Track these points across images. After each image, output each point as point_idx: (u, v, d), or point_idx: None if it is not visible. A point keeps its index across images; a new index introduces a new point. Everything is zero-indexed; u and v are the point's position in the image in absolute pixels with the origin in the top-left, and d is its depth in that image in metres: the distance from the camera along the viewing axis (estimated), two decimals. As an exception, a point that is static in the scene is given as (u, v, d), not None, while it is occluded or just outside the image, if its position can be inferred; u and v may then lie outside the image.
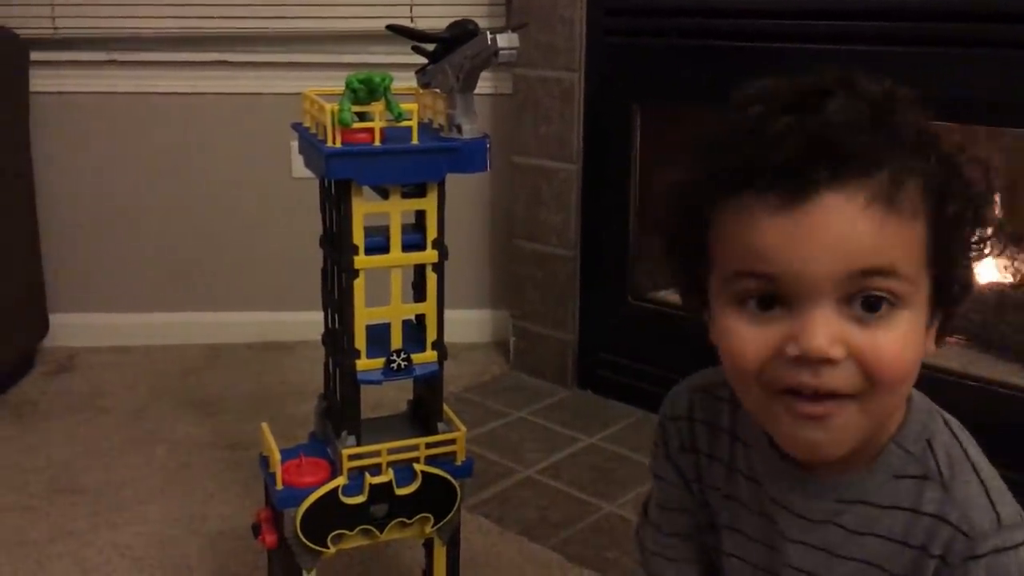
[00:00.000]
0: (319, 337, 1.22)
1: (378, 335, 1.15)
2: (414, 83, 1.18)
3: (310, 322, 1.27)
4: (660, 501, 0.93)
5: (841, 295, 0.66)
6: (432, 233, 1.13)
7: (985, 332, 1.66)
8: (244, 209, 2.27)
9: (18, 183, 2.08)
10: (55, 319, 2.21)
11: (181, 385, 2.09)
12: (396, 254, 1.12)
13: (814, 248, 0.65)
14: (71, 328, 2.24)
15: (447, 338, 1.20)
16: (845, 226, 0.65)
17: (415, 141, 1.08)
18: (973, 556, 0.70)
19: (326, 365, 1.23)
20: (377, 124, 1.06)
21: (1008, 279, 1.74)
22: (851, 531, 0.75)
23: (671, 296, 2.02)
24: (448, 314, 1.19)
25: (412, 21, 2.15)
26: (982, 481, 0.72)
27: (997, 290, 1.72)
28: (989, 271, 1.73)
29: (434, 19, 2.10)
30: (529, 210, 2.10)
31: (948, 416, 0.77)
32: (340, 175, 1.06)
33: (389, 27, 1.13)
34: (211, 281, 2.30)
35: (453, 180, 1.13)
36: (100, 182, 2.23)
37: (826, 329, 0.65)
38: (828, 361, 0.66)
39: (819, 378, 0.66)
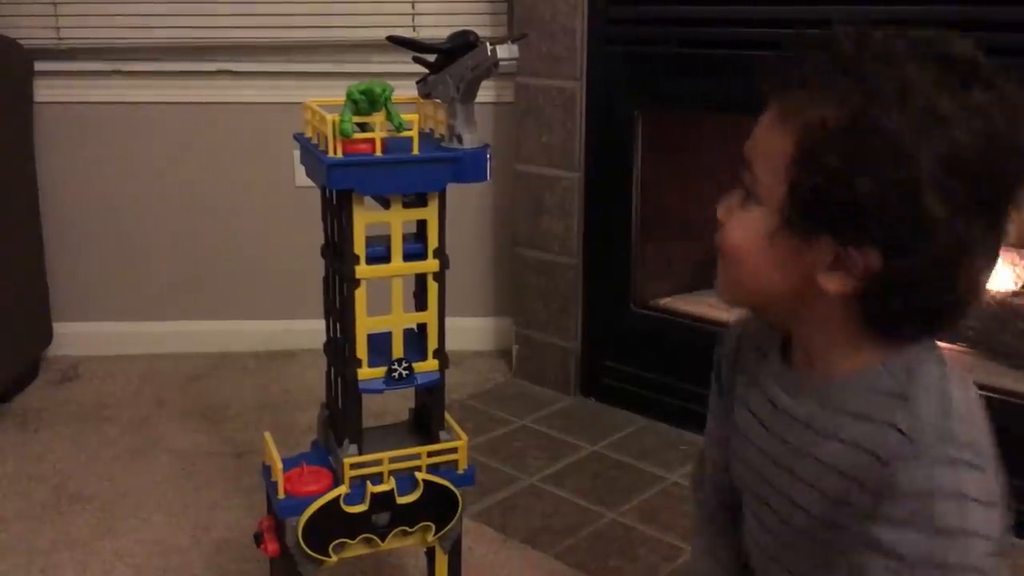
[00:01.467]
0: (322, 346, 1.23)
1: (380, 344, 1.16)
2: (415, 93, 1.18)
3: (313, 330, 1.27)
4: (707, 434, 1.06)
5: (742, 179, 0.83)
6: (433, 243, 1.14)
7: (987, 340, 1.66)
8: (247, 218, 2.27)
9: (23, 193, 2.09)
10: (59, 328, 2.22)
11: (185, 394, 2.09)
12: (397, 263, 1.13)
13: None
14: (75, 337, 2.25)
15: (450, 346, 1.20)
16: (757, 125, 0.82)
17: (416, 151, 1.08)
18: (909, 459, 0.75)
19: (328, 374, 1.23)
20: (378, 134, 1.06)
21: (1010, 287, 1.74)
22: (821, 433, 0.83)
23: (674, 303, 2.03)
24: (451, 322, 1.19)
25: (414, 31, 2.16)
26: (949, 409, 0.77)
27: (999, 298, 1.72)
28: (992, 278, 1.73)
29: (435, 28, 2.12)
30: (531, 218, 2.10)
31: (955, 370, 0.80)
32: (341, 185, 1.07)
33: (389, 38, 1.13)
34: (215, 290, 2.31)
35: (455, 188, 1.14)
36: (104, 191, 2.24)
37: (725, 199, 0.85)
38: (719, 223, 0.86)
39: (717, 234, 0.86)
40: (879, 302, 0.77)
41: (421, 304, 1.17)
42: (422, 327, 1.19)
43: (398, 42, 1.12)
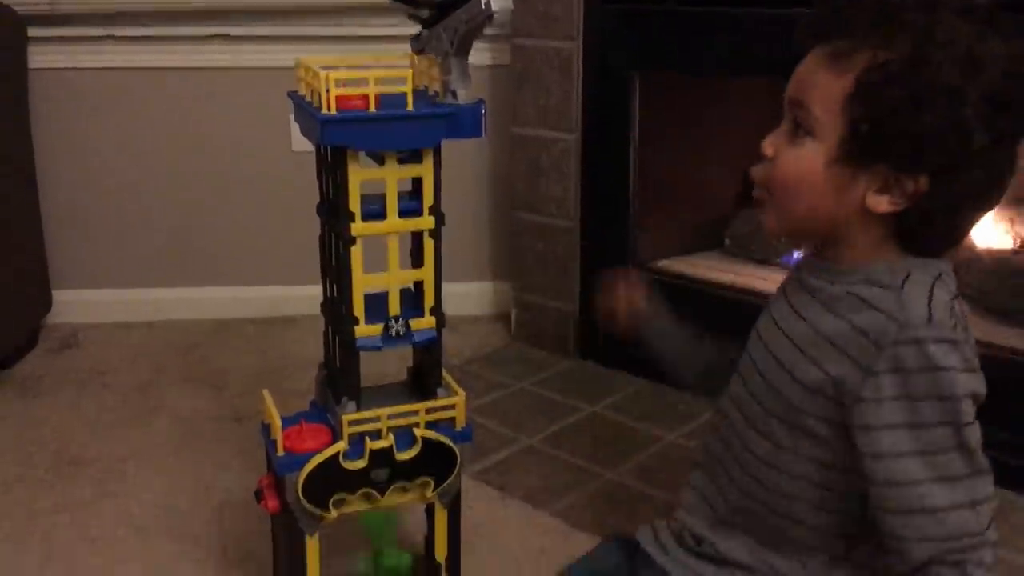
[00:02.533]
0: (319, 306, 1.23)
1: (377, 303, 1.16)
2: (409, 51, 1.17)
3: (313, 296, 1.27)
4: None
5: (790, 117, 0.92)
6: (429, 199, 1.13)
7: (985, 297, 1.66)
8: (245, 184, 2.27)
9: (18, 160, 2.09)
10: (58, 296, 2.22)
11: (184, 360, 2.10)
12: (393, 220, 1.12)
13: (791, 80, 0.92)
14: (74, 305, 2.25)
15: (448, 311, 1.20)
16: (803, 68, 0.91)
17: (410, 107, 1.08)
18: (899, 341, 0.85)
19: (325, 333, 1.23)
20: (372, 90, 1.06)
21: (1008, 244, 1.74)
22: (819, 302, 0.95)
23: (672, 265, 2.03)
24: (449, 287, 1.19)
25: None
26: (931, 300, 0.87)
27: (997, 256, 1.72)
28: (990, 236, 1.73)
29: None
30: (529, 181, 2.10)
31: (947, 280, 0.91)
32: (335, 141, 1.06)
33: (386, -7, 1.12)
34: (213, 257, 2.31)
35: (452, 153, 1.13)
36: (101, 158, 2.23)
37: (771, 137, 0.94)
38: (765, 156, 0.94)
39: (757, 169, 0.95)
40: (920, 220, 0.88)
41: (417, 262, 1.17)
42: (419, 285, 1.19)
43: (394, -2, 1.12)
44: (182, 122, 2.23)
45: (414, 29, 1.16)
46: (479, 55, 2.13)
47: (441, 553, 1.26)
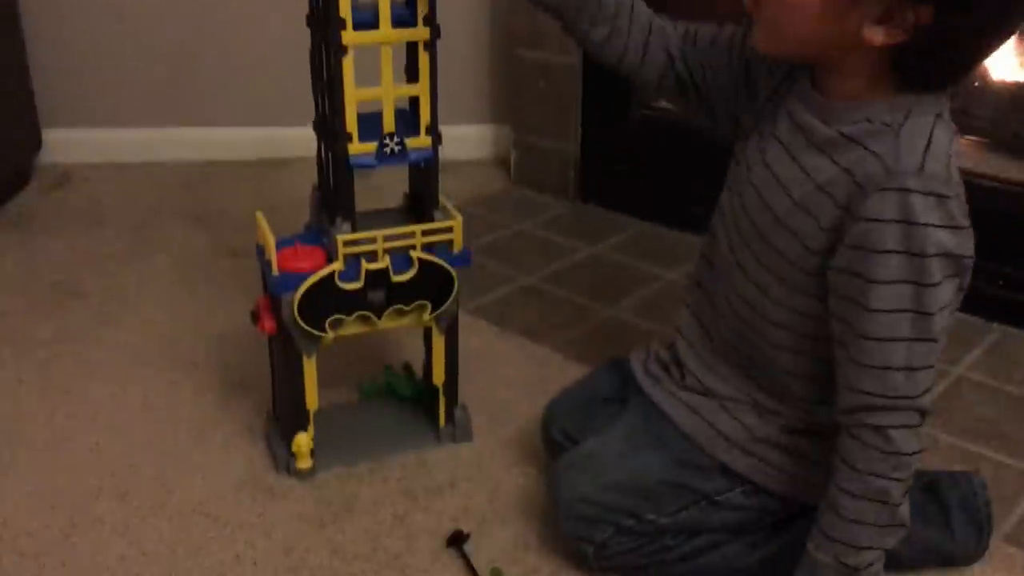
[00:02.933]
0: (311, 125, 1.19)
1: (371, 122, 1.12)
2: None
3: (306, 138, 1.23)
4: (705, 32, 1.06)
5: None
6: (423, 8, 1.08)
7: (996, 129, 1.62)
8: (239, 18, 2.18)
9: (-1, -10, 2.00)
10: (48, 135, 2.17)
11: (179, 199, 2.07)
12: (386, 30, 1.07)
13: None
14: (65, 144, 2.20)
15: (446, 154, 1.17)
16: None
17: (403, -96, 1.01)
18: (885, 188, 0.82)
19: (318, 153, 1.20)
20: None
21: (1020, 77, 1.68)
22: (814, 146, 0.90)
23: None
24: (447, 130, 1.16)
25: None
26: (929, 145, 0.83)
27: (1009, 87, 1.66)
28: (1002, 66, 1.67)
29: None
30: (529, 15, 2.01)
31: (946, 119, 0.87)
32: (324, -60, 1.01)
33: None
34: (206, 96, 2.25)
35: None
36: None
37: None
38: None
39: None
40: (919, 55, 0.82)
41: (412, 77, 1.13)
42: (414, 104, 1.15)
43: None
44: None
45: None
46: None
47: (439, 377, 1.27)
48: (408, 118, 1.16)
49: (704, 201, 1.80)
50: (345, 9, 1.04)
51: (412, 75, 1.14)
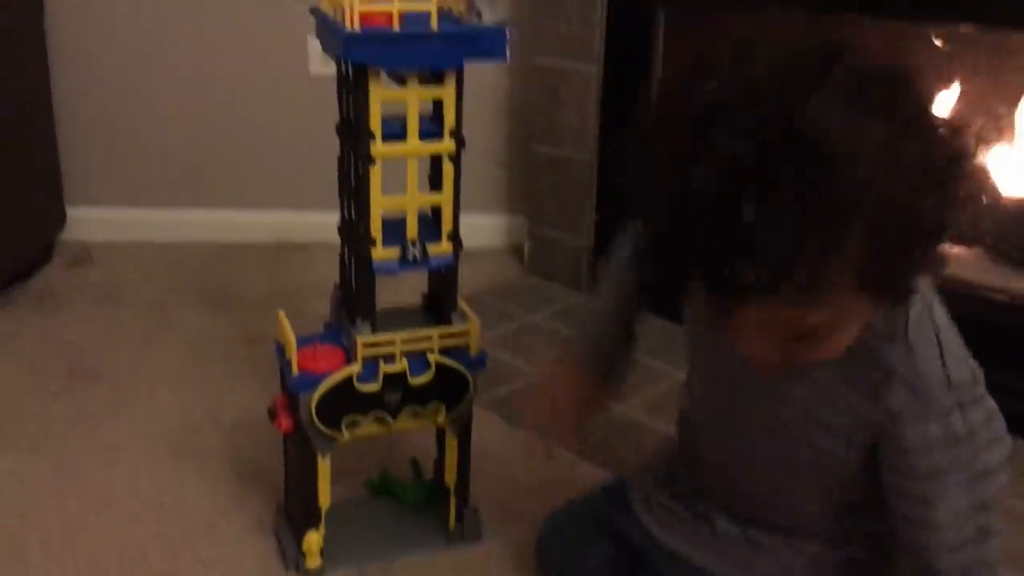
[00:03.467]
0: (335, 238, 1.22)
1: (394, 227, 1.15)
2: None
3: (326, 223, 1.26)
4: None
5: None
6: (450, 123, 1.12)
7: (1001, 243, 1.65)
8: (261, 106, 2.24)
9: (34, 73, 2.07)
10: (72, 212, 2.22)
11: (197, 280, 2.10)
12: (413, 143, 1.11)
13: (747, 341, 0.78)
14: (88, 221, 2.25)
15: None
16: (768, 321, 0.75)
17: (434, 26, 1.06)
18: (917, 417, 0.82)
19: (341, 255, 1.23)
20: (396, 7, 1.04)
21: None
22: (829, 366, 0.85)
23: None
24: (463, 218, 1.18)
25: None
26: (943, 349, 0.83)
27: (1016, 202, 1.69)
28: (1009, 181, 1.70)
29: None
30: (547, 112, 2.07)
31: (928, 291, 0.86)
32: (358, 58, 1.05)
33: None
34: (227, 178, 2.29)
35: (468, 80, 1.11)
36: (118, 75, 2.21)
37: (771, 356, 0.80)
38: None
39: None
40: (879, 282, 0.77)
41: (436, 186, 1.17)
42: (436, 211, 1.18)
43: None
44: (200, 41, 2.20)
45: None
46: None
47: (451, 478, 1.28)
48: (430, 223, 1.19)
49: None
50: (375, 123, 1.08)
51: (435, 182, 1.17)
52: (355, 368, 1.15)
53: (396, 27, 1.04)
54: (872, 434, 0.87)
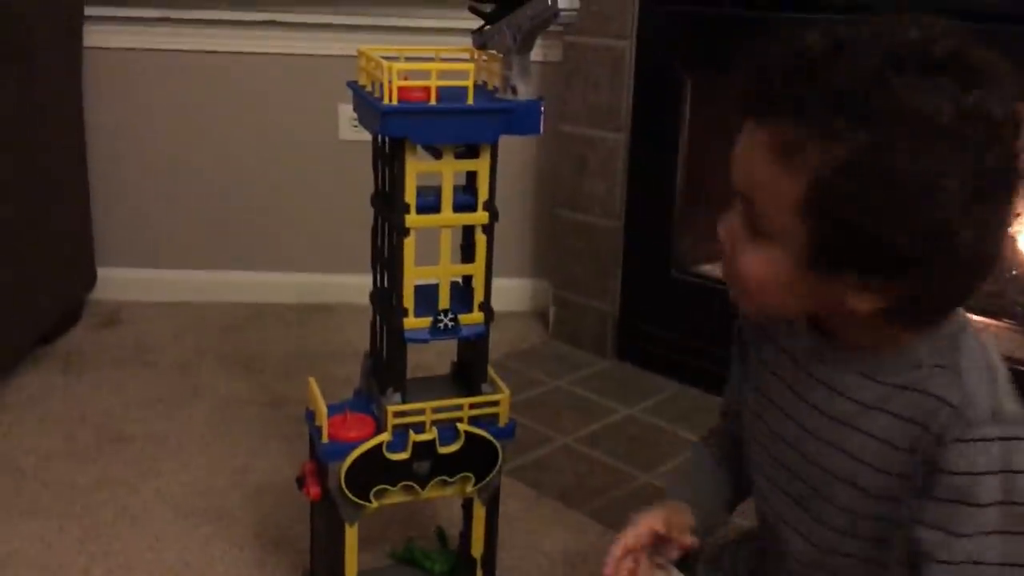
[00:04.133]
0: (361, 300, 1.23)
1: (426, 295, 1.16)
2: (467, 45, 1.17)
3: (352, 285, 1.27)
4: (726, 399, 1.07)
5: (742, 209, 0.80)
6: (483, 195, 1.14)
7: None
8: (291, 169, 2.28)
9: (70, 137, 2.11)
10: (102, 272, 2.25)
11: (225, 342, 2.11)
12: (447, 214, 1.12)
13: (732, 162, 0.80)
14: (118, 282, 2.27)
15: (488, 306, 1.20)
16: (745, 154, 0.78)
17: (470, 101, 1.07)
18: (963, 439, 0.75)
19: (373, 323, 1.23)
20: (433, 83, 1.06)
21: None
22: (866, 406, 0.83)
23: (714, 270, 2.01)
24: (489, 282, 1.19)
25: (464, -15, 2.14)
26: (995, 378, 0.78)
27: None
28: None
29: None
30: (574, 179, 2.09)
31: (985, 338, 0.82)
32: (395, 133, 1.06)
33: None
34: (256, 240, 2.32)
35: (499, 148, 1.13)
36: (150, 137, 2.25)
37: (726, 223, 0.82)
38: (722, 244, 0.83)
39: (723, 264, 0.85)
40: (911, 310, 0.78)
41: (468, 256, 1.17)
42: (468, 279, 1.19)
43: (457, -9, 1.11)
44: (231, 105, 2.24)
45: (464, 22, 1.15)
46: (530, 51, 2.12)
47: (477, 549, 1.27)
48: (461, 292, 1.20)
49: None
50: (411, 195, 1.09)
51: (467, 252, 1.18)
52: (385, 437, 1.15)
53: (433, 101, 1.06)
54: (908, 458, 0.80)
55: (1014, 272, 1.65)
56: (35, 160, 1.91)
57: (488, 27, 1.12)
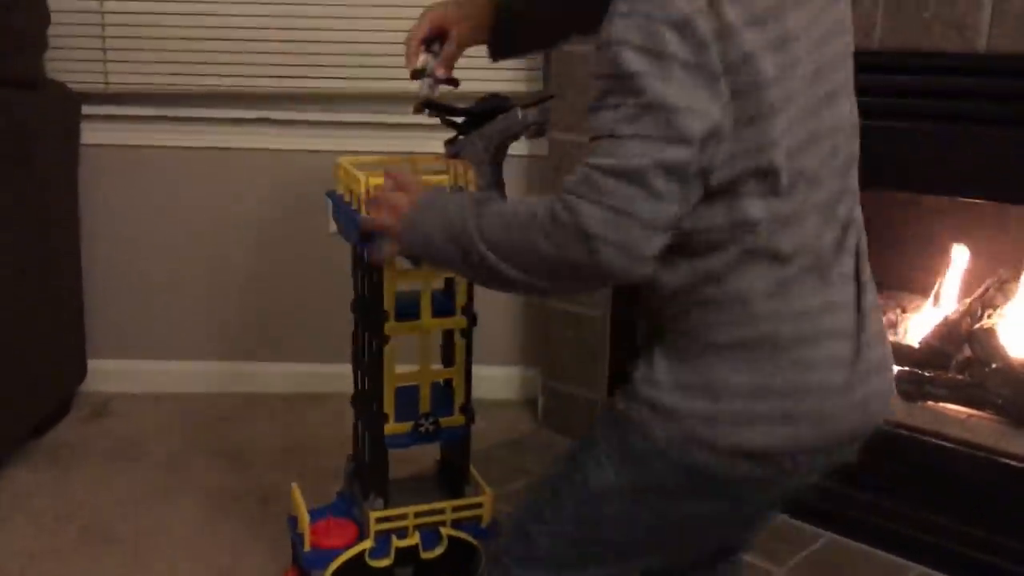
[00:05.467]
0: (350, 390, 1.25)
1: (407, 397, 1.17)
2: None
3: (343, 374, 1.29)
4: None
5: None
6: (462, 300, 1.16)
7: (1016, 408, 1.65)
8: (281, 262, 2.31)
9: (65, 231, 2.14)
10: (93, 364, 2.26)
11: (213, 434, 2.12)
12: (426, 320, 1.15)
13: None
14: (108, 374, 2.28)
15: (475, 394, 1.22)
16: None
17: (448, 212, 1.10)
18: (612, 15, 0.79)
19: (355, 427, 1.25)
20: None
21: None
22: None
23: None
24: (477, 370, 1.21)
25: (450, 83, 2.19)
26: None
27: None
28: (1020, 345, 1.72)
29: (473, 83, 2.15)
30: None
31: None
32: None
33: (424, 105, 1.16)
34: (246, 331, 2.34)
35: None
36: (144, 232, 2.29)
37: None
38: None
39: None
40: None
41: (448, 359, 1.19)
42: (448, 381, 1.21)
43: (431, 107, 1.15)
44: (223, 200, 2.28)
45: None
46: (517, 146, 2.15)
47: (461, 651, 1.26)
48: (441, 393, 1.22)
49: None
50: (389, 302, 1.12)
51: (447, 355, 1.20)
52: (368, 544, 1.15)
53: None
54: None
55: (994, 365, 1.67)
56: (30, 256, 1.94)
57: (461, 138, 1.16)
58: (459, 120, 1.17)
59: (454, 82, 1.13)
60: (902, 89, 1.58)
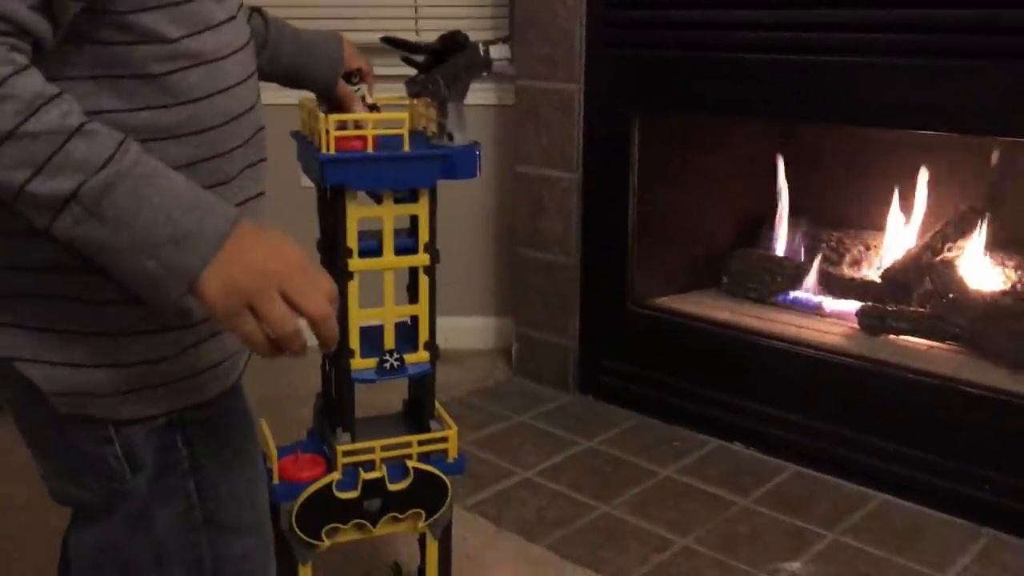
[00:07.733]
0: (318, 339, 1.26)
1: (372, 337, 1.19)
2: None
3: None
4: None
5: None
6: (424, 237, 1.18)
7: (976, 339, 1.68)
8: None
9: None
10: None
11: (191, 388, 2.13)
12: (389, 257, 1.16)
13: None
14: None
15: (451, 344, 1.23)
16: None
17: (406, 149, 1.12)
18: None
19: (323, 365, 1.27)
20: (370, 132, 1.10)
21: (999, 287, 1.76)
22: None
23: (670, 303, 2.06)
24: (451, 321, 1.23)
25: (416, 33, 2.20)
26: None
27: (988, 297, 1.74)
28: (979, 277, 1.75)
29: (437, 32, 2.15)
30: (531, 219, 2.14)
31: None
32: (335, 181, 1.11)
33: (383, 39, 1.17)
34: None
35: (456, 190, 1.17)
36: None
37: None
38: None
39: None
40: None
41: (413, 297, 1.21)
42: (414, 320, 1.23)
43: (390, 42, 1.16)
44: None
45: (405, 70, 1.20)
46: (484, 95, 2.18)
47: (432, 583, 1.29)
48: (407, 332, 1.23)
49: (698, 397, 1.87)
50: (353, 240, 1.13)
51: (412, 294, 1.22)
52: (335, 476, 1.18)
53: (370, 150, 1.10)
54: None
55: (951, 296, 1.70)
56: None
57: (421, 76, 1.17)
58: (420, 59, 1.18)
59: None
60: (863, 24, 1.59)
